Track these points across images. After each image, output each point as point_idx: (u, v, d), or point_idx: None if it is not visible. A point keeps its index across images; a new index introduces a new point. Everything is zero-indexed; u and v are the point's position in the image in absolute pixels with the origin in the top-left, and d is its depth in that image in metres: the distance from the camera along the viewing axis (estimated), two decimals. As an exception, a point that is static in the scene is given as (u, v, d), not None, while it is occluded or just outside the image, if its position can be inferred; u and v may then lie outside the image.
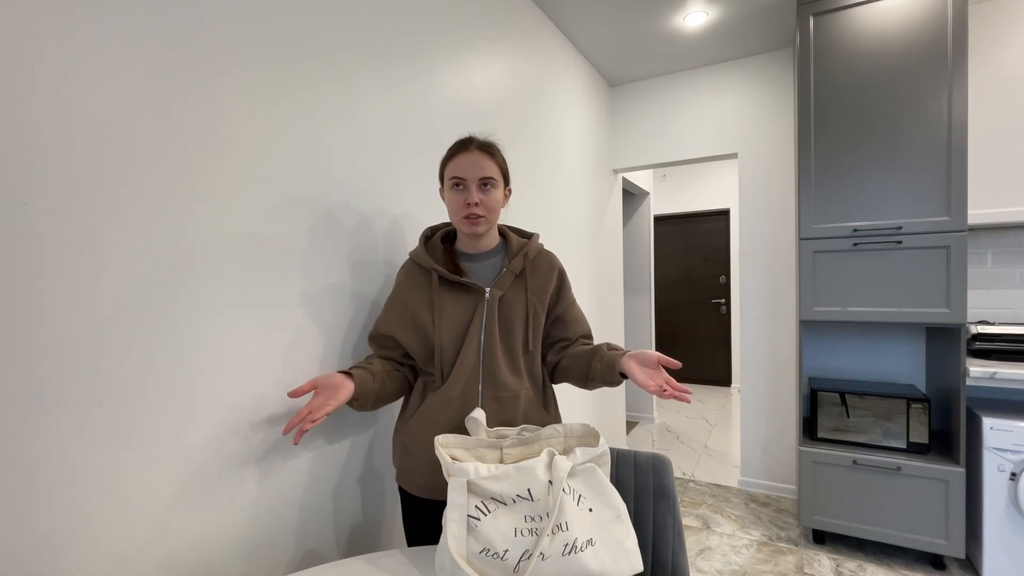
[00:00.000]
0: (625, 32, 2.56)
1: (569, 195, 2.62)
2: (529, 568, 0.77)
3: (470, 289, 1.09)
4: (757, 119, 2.82)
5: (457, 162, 1.07)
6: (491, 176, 1.06)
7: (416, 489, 1.10)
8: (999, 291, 2.27)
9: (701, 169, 5.16)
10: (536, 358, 1.13)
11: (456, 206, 1.07)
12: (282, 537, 1.12)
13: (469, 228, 1.08)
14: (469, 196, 1.05)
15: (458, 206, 1.07)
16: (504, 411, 1.06)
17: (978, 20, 2.26)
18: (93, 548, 0.81)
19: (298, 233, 1.15)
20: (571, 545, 0.79)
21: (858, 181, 2.06)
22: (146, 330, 0.87)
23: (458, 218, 1.08)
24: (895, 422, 2.07)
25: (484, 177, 1.05)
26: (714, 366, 5.23)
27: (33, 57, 0.75)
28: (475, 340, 1.07)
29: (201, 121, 0.96)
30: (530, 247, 1.13)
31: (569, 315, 1.15)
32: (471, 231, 1.08)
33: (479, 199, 1.05)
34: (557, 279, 1.14)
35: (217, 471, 0.98)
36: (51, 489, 0.77)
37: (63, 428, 0.78)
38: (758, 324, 2.83)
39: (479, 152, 1.07)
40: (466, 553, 0.81)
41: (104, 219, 0.82)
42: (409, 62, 1.49)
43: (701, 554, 2.16)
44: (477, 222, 1.07)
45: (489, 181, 1.06)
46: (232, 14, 1.01)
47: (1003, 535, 1.84)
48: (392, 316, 1.13)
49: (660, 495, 1.07)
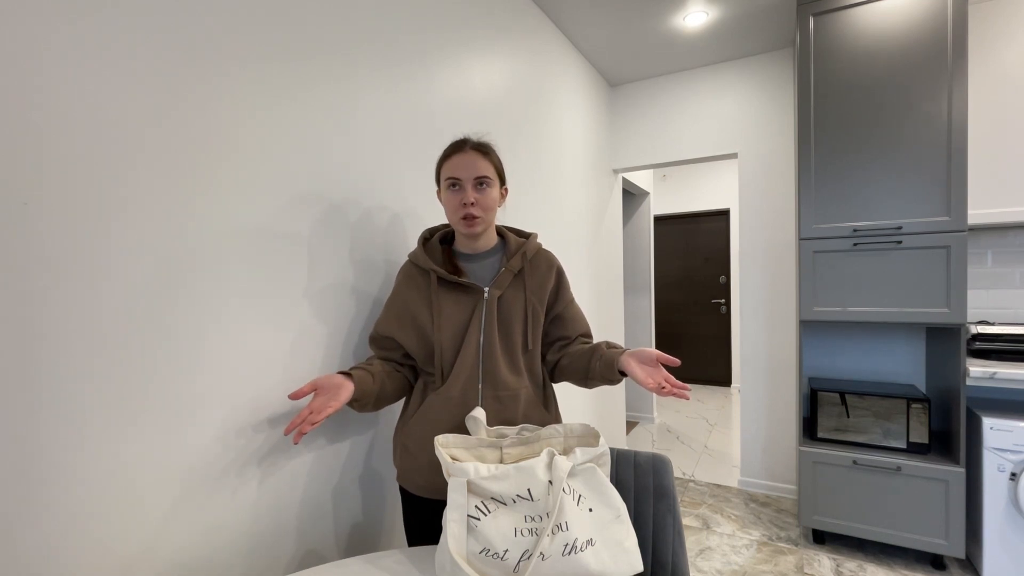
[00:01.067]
0: (625, 32, 2.56)
1: (569, 195, 2.62)
2: (529, 568, 0.77)
3: (469, 289, 1.09)
4: (757, 119, 2.82)
5: (452, 162, 1.08)
6: (486, 175, 1.07)
7: (416, 489, 1.10)
8: (999, 291, 2.27)
9: (701, 169, 5.16)
10: (536, 357, 1.13)
11: (452, 206, 1.08)
12: (282, 537, 1.12)
13: (466, 228, 1.08)
14: (465, 196, 1.06)
15: (454, 206, 1.07)
16: (504, 410, 1.06)
17: (978, 20, 2.26)
18: (95, 547, 0.81)
19: (300, 232, 1.15)
20: (571, 545, 0.79)
21: (858, 181, 2.06)
22: (147, 330, 0.87)
23: (455, 218, 1.09)
24: (895, 422, 2.07)
25: (479, 176, 1.06)
26: (714, 366, 5.23)
27: (35, 57, 0.75)
28: (474, 340, 1.07)
29: (201, 120, 0.96)
30: (528, 246, 1.13)
31: (568, 314, 1.15)
32: (468, 231, 1.09)
33: (475, 198, 1.06)
34: (555, 278, 1.14)
35: (218, 471, 0.98)
36: (52, 489, 0.77)
37: (62, 428, 0.78)
38: (758, 324, 2.83)
39: (474, 152, 1.07)
40: (466, 553, 0.81)
41: (105, 219, 0.82)
42: (409, 62, 1.49)
43: (701, 554, 2.16)
44: (474, 222, 1.07)
45: (484, 180, 1.07)
46: (233, 14, 1.01)
47: (1003, 535, 1.84)
48: (391, 317, 1.13)
49: (660, 495, 1.07)
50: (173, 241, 0.91)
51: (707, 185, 5.15)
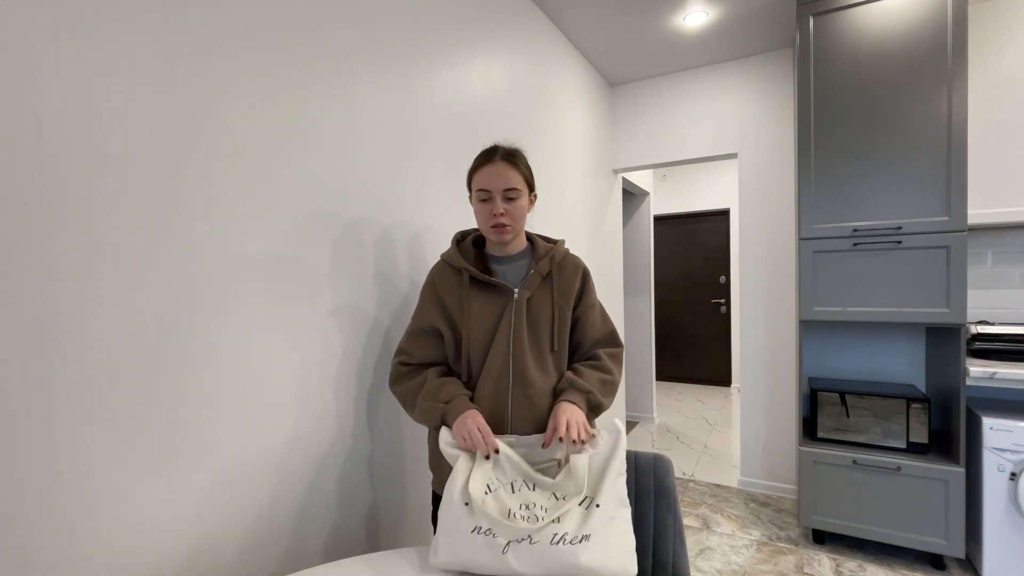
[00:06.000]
0: (625, 32, 2.56)
1: (569, 195, 2.62)
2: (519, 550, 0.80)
3: (499, 290, 1.12)
4: (757, 119, 2.82)
5: (483, 174, 1.11)
6: (515, 187, 1.10)
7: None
8: (999, 291, 2.27)
9: (701, 169, 5.16)
10: (563, 357, 1.15)
11: (483, 216, 1.12)
12: (283, 537, 1.12)
13: (496, 237, 1.13)
14: (495, 207, 1.09)
15: (485, 216, 1.12)
16: (534, 409, 1.09)
17: (978, 20, 2.26)
18: (96, 547, 0.82)
19: (320, 248, 1.20)
20: (559, 536, 0.81)
21: (858, 181, 2.06)
22: (167, 340, 0.88)
23: (486, 227, 1.13)
24: (895, 422, 2.07)
25: (508, 188, 1.09)
26: (714, 366, 5.23)
27: (47, 65, 0.75)
28: (504, 339, 1.10)
29: (206, 128, 0.96)
30: (556, 251, 1.17)
31: (587, 318, 1.17)
32: (498, 239, 1.14)
33: (504, 209, 1.10)
34: (581, 280, 1.18)
35: (228, 474, 0.99)
36: (53, 489, 0.77)
37: (63, 428, 0.78)
38: (758, 324, 2.83)
39: (503, 163, 1.10)
40: (458, 534, 0.86)
41: (113, 229, 0.82)
42: (409, 63, 1.49)
43: (701, 554, 2.16)
44: (503, 231, 1.11)
45: (513, 192, 1.10)
46: (254, 32, 1.01)
47: (1003, 535, 1.84)
48: (430, 309, 1.15)
49: (660, 495, 1.07)
50: (193, 257, 0.92)
51: (707, 185, 5.15)
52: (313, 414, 1.20)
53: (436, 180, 1.60)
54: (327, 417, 1.23)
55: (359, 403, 1.32)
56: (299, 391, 1.16)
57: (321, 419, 1.22)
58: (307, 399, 1.18)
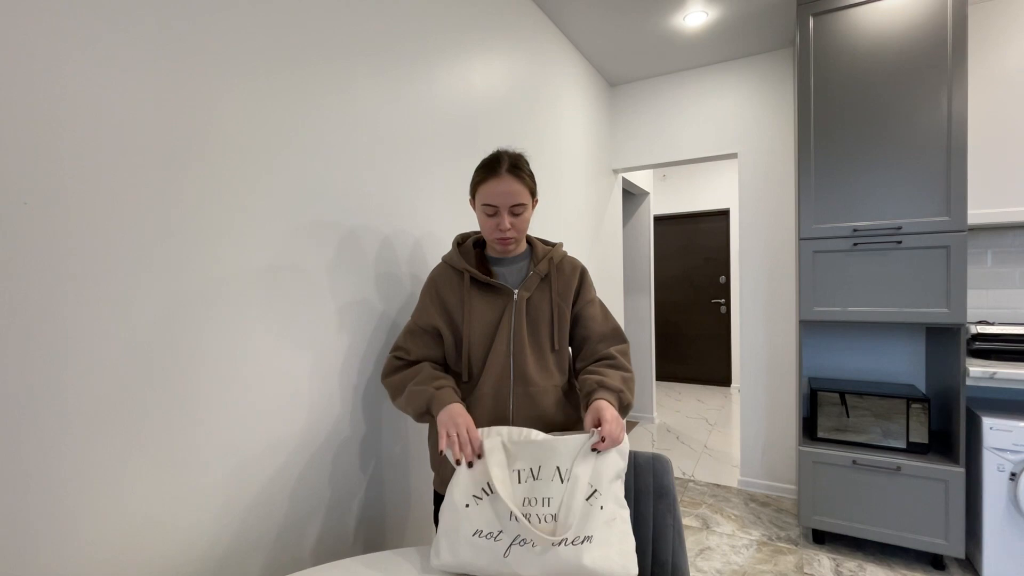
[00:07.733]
0: (625, 32, 2.56)
1: (569, 195, 2.62)
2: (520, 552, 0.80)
3: (499, 290, 1.13)
4: (757, 119, 2.82)
5: (489, 188, 1.09)
6: (521, 202, 1.10)
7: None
8: (999, 291, 2.27)
9: (701, 169, 5.16)
10: (563, 356, 1.16)
11: (489, 228, 1.12)
12: (283, 537, 1.12)
13: (502, 247, 1.15)
14: (502, 223, 1.10)
15: (491, 229, 1.12)
16: (535, 407, 1.10)
17: (978, 20, 2.26)
18: (97, 547, 0.82)
19: (321, 248, 1.20)
20: (563, 537, 0.81)
21: (858, 181, 2.06)
22: (168, 339, 0.88)
23: (491, 238, 1.13)
24: (895, 422, 2.07)
25: (515, 204, 1.09)
26: (714, 366, 5.23)
27: (54, 74, 0.75)
28: (504, 338, 1.11)
29: (207, 130, 0.96)
30: (555, 253, 1.19)
31: (586, 312, 1.17)
32: (503, 250, 1.16)
33: (511, 223, 1.10)
34: (579, 279, 1.19)
35: (232, 476, 0.99)
36: (54, 490, 0.77)
37: (63, 430, 0.78)
38: (758, 324, 2.83)
39: (509, 177, 1.08)
40: (459, 536, 0.86)
41: (116, 229, 0.82)
42: (409, 64, 1.49)
43: (701, 554, 2.16)
44: (508, 243, 1.13)
45: (519, 207, 1.10)
46: (253, 36, 1.01)
47: (1003, 535, 1.84)
48: (430, 309, 1.16)
49: (660, 495, 1.07)
50: (197, 262, 0.92)
51: (707, 185, 5.15)
52: (317, 413, 1.20)
53: (436, 179, 1.60)
54: (331, 416, 1.23)
55: (364, 402, 1.33)
56: (303, 391, 1.16)
57: (325, 418, 1.22)
58: (312, 398, 1.18)
